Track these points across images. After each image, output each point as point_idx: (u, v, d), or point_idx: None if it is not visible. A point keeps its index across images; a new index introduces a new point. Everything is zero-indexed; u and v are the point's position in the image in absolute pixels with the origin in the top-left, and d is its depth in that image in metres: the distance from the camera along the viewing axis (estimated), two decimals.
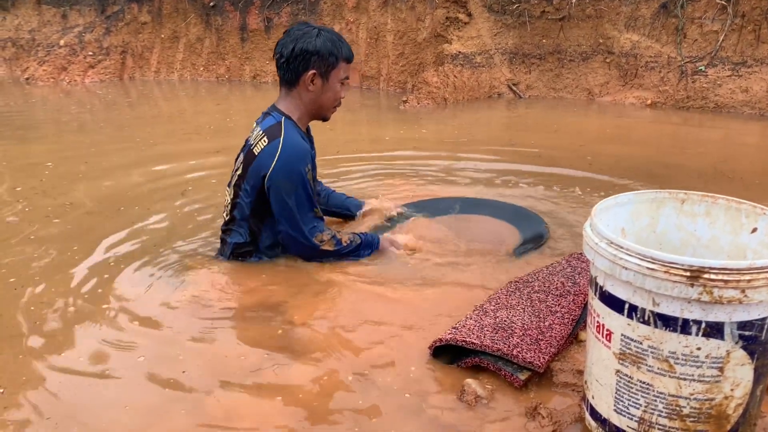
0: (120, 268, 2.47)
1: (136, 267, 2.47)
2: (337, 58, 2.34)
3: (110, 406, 1.64)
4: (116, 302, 2.19)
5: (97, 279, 2.37)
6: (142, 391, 1.70)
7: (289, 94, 2.41)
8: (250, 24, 8.06)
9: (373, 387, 1.68)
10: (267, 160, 2.30)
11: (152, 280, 2.36)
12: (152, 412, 1.61)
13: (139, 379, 1.74)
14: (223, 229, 2.50)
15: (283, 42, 2.34)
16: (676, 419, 1.28)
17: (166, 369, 1.78)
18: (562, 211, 3.07)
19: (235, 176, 2.45)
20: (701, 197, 1.55)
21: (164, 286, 2.30)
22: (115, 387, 1.72)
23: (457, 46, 6.81)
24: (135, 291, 2.28)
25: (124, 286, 2.32)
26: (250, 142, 2.42)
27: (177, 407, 1.62)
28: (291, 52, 2.31)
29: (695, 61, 6.18)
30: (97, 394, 1.69)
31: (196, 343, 1.92)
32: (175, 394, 1.68)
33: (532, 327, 1.82)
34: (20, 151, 4.48)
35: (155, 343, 1.94)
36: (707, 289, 1.16)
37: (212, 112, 6.12)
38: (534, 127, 5.43)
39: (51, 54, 8.29)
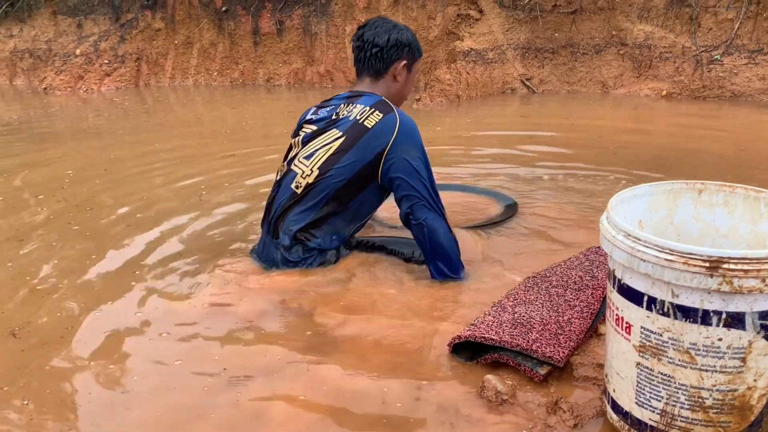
0: (143, 273, 2.49)
1: (159, 272, 2.50)
2: (420, 52, 2.47)
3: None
4: (144, 306, 2.22)
5: (122, 284, 2.40)
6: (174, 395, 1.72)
7: (375, 84, 2.41)
8: (262, 28, 8.11)
9: (396, 385, 1.69)
10: (387, 131, 2.24)
11: (176, 283, 2.38)
12: (189, 411, 1.63)
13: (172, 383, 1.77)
14: (274, 218, 2.34)
15: (373, 32, 2.36)
16: (698, 411, 1.28)
17: (205, 367, 1.80)
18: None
19: (319, 156, 2.29)
20: (719, 187, 1.54)
21: (189, 289, 2.32)
22: (146, 393, 1.75)
23: (469, 43, 6.80)
24: (160, 295, 2.29)
25: (150, 290, 2.34)
26: (351, 117, 2.29)
27: (211, 406, 1.64)
28: (387, 42, 2.34)
29: (710, 50, 6.12)
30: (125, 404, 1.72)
31: (229, 346, 1.93)
32: (210, 393, 1.70)
33: (551, 321, 1.81)
34: (40, 160, 4.55)
35: (188, 346, 1.96)
36: (727, 279, 1.15)
37: (228, 116, 6.17)
38: (550, 121, 5.41)
39: (67, 63, 8.41)
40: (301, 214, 2.29)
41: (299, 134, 2.41)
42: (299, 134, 2.41)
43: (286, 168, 2.39)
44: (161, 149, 4.80)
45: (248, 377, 1.75)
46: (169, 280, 2.42)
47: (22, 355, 1.94)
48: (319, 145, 2.31)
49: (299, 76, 8.05)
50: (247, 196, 3.49)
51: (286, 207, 2.31)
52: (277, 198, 2.36)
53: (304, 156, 2.32)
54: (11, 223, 3.16)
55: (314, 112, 2.43)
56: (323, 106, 2.42)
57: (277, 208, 2.34)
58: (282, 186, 2.36)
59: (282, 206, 2.32)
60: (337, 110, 2.36)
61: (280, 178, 2.39)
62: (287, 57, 8.14)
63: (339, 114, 2.34)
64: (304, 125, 2.41)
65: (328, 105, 2.42)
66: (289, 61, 8.14)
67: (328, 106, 2.41)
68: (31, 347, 1.99)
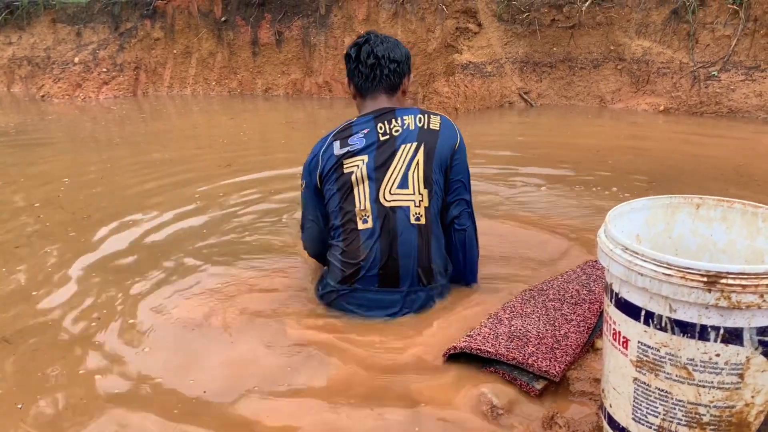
0: (138, 282, 2.47)
1: (154, 281, 2.48)
2: None
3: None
4: (137, 317, 2.20)
5: (117, 293, 2.39)
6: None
7: (390, 100, 2.23)
8: (261, 38, 8.13)
9: (390, 397, 1.67)
10: (452, 131, 2.19)
11: (170, 294, 2.36)
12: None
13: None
14: (414, 266, 2.09)
15: (384, 47, 2.19)
16: (695, 427, 1.26)
17: (185, 385, 1.79)
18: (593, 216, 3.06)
19: (414, 177, 2.09)
20: (717, 202, 1.54)
21: (183, 300, 2.31)
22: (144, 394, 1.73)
23: (467, 56, 6.82)
24: (157, 305, 2.28)
25: (144, 300, 2.32)
26: (412, 127, 2.13)
27: (206, 406, 1.62)
28: (402, 56, 2.24)
29: (708, 66, 6.15)
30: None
31: (221, 354, 1.92)
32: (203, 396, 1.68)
33: (547, 335, 1.80)
34: (37, 167, 4.54)
35: (175, 359, 1.94)
36: (725, 295, 1.14)
37: (226, 126, 6.16)
38: (548, 134, 5.42)
39: (66, 71, 8.40)
40: (439, 246, 2.16)
41: (347, 171, 2.09)
42: (347, 171, 2.09)
43: (375, 209, 2.08)
44: (158, 158, 4.78)
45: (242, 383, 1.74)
46: (165, 290, 2.40)
47: (14, 360, 1.92)
48: (403, 167, 2.09)
49: (298, 87, 8.06)
50: (243, 205, 3.48)
51: (423, 247, 2.10)
52: (398, 246, 2.08)
53: (397, 186, 2.08)
54: (8, 230, 3.14)
55: (343, 143, 2.12)
56: (351, 133, 2.13)
57: (410, 253, 2.08)
58: (392, 229, 2.07)
59: (417, 247, 2.09)
60: (381, 129, 2.12)
61: (381, 223, 2.07)
62: (286, 68, 8.15)
63: (390, 131, 2.12)
64: (345, 161, 2.10)
65: (358, 130, 2.14)
66: (287, 72, 8.15)
67: (360, 131, 2.13)
68: (23, 353, 1.97)
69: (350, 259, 2.10)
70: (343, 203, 2.11)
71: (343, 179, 2.11)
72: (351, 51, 2.24)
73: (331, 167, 2.12)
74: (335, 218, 2.14)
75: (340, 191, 2.11)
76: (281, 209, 3.36)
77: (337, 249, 2.14)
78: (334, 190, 2.12)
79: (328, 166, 2.13)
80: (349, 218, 2.10)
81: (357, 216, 2.09)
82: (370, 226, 2.08)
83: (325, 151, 2.14)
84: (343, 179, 2.11)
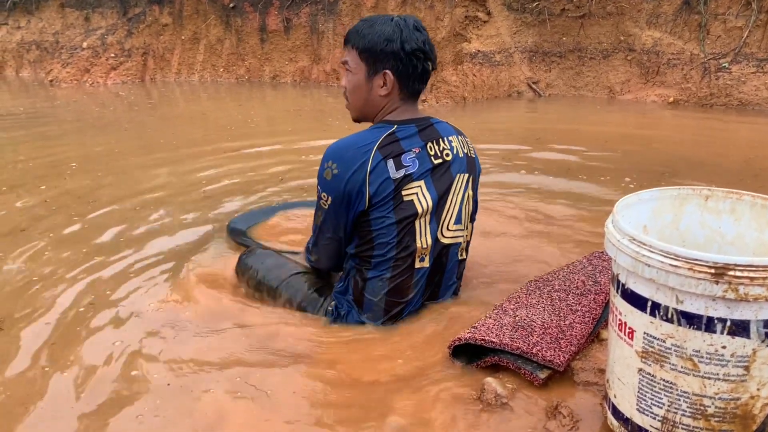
0: (140, 267, 2.48)
1: (155, 267, 2.49)
2: None
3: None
4: (135, 302, 2.21)
5: (117, 278, 2.39)
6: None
7: (416, 104, 2.02)
8: (269, 25, 8.11)
9: (395, 387, 1.68)
10: (477, 158, 2.11)
11: (169, 279, 2.37)
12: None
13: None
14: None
15: (426, 36, 1.92)
16: (700, 419, 1.26)
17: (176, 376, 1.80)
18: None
19: (465, 211, 2.00)
20: (726, 194, 1.53)
21: (183, 285, 2.31)
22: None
23: (476, 45, 6.78)
24: (154, 294, 2.28)
25: (143, 286, 2.33)
26: (461, 154, 1.98)
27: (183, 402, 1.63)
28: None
29: (719, 57, 6.09)
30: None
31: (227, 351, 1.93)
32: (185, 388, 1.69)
33: (552, 326, 1.80)
34: (45, 152, 4.55)
35: (166, 347, 1.95)
36: (732, 287, 1.14)
37: (233, 113, 6.16)
38: (556, 124, 5.40)
39: (74, 56, 8.41)
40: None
41: (406, 199, 1.84)
42: (406, 199, 1.84)
43: (434, 247, 1.93)
44: (165, 144, 4.79)
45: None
46: (163, 276, 2.40)
47: (3, 345, 1.94)
48: (458, 200, 1.96)
49: (305, 74, 8.05)
50: (249, 191, 3.49)
51: (459, 277, 2.12)
52: (443, 281, 2.03)
53: (454, 223, 1.96)
54: (15, 213, 3.16)
55: (398, 164, 1.83)
56: (402, 150, 1.85)
57: (450, 285, 2.07)
58: (442, 266, 2.00)
59: (456, 279, 2.09)
60: (431, 151, 1.90)
61: (433, 260, 1.95)
62: (294, 55, 8.14)
63: (441, 154, 1.92)
64: (405, 188, 1.83)
65: (409, 147, 1.86)
66: (295, 59, 8.13)
67: (410, 148, 1.86)
68: (12, 339, 1.98)
69: (398, 298, 1.94)
70: (402, 237, 1.86)
71: (404, 210, 1.84)
72: (395, 40, 1.85)
73: (388, 194, 1.82)
74: (385, 249, 1.88)
75: (400, 223, 1.84)
76: (287, 197, 3.36)
77: (381, 284, 1.92)
78: (392, 220, 1.84)
79: (384, 192, 1.82)
80: (408, 254, 1.89)
81: (417, 253, 1.90)
82: (426, 265, 1.94)
83: (375, 171, 1.81)
84: (403, 210, 1.84)
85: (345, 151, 1.84)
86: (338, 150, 1.86)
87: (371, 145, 1.83)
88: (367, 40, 1.88)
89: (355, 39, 1.91)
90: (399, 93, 1.93)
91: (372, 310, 1.95)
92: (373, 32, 1.87)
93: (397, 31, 1.86)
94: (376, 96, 1.93)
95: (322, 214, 1.92)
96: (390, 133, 1.86)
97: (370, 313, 1.96)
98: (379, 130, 1.88)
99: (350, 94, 1.98)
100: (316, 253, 2.04)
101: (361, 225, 1.88)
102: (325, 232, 1.95)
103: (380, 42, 1.86)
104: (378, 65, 1.89)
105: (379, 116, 1.96)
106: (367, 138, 1.85)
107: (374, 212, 1.84)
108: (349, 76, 1.96)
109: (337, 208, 1.87)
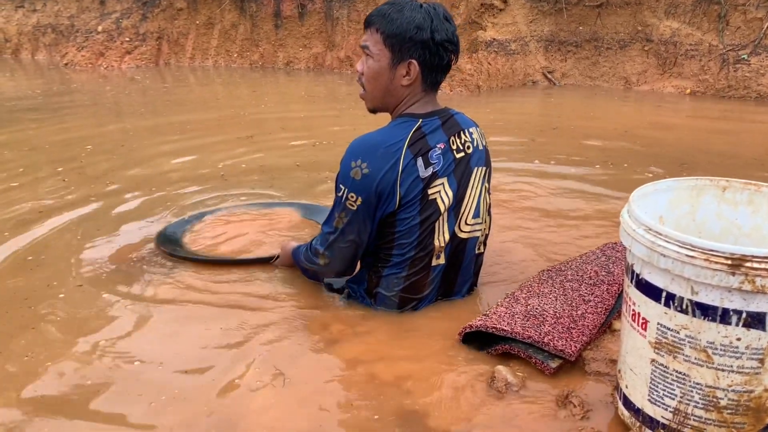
0: (151, 252, 2.50)
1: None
2: None
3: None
4: (145, 286, 2.22)
5: (132, 260, 2.41)
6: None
7: (437, 95, 1.95)
8: (284, 11, 8.09)
9: (406, 373, 1.68)
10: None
11: (185, 265, 2.38)
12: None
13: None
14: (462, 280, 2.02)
15: (456, 31, 1.85)
16: (712, 411, 1.25)
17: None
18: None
19: (483, 206, 1.97)
20: (744, 185, 1.51)
21: (194, 272, 2.32)
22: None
23: (491, 33, 6.73)
24: (175, 276, 2.29)
25: (155, 272, 2.34)
26: (480, 147, 1.95)
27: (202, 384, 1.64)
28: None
29: (737, 49, 6.01)
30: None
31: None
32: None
33: (564, 315, 1.79)
34: (60, 134, 4.59)
35: (170, 331, 1.96)
36: (749, 278, 1.13)
37: (247, 99, 6.16)
38: (573, 114, 5.36)
39: (89, 40, 8.44)
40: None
41: (431, 198, 1.80)
42: (431, 198, 1.80)
43: (451, 242, 1.89)
44: (179, 128, 4.81)
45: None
46: (178, 266, 2.41)
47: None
48: (476, 193, 1.92)
49: (319, 61, 8.02)
50: (266, 176, 3.51)
51: (476, 272, 2.08)
52: (459, 276, 1.99)
53: (472, 217, 1.92)
54: (32, 195, 3.20)
55: (426, 162, 1.78)
56: (429, 147, 1.80)
57: (467, 279, 2.04)
58: (459, 261, 1.96)
59: (473, 274, 2.05)
60: (454, 145, 1.86)
61: (450, 255, 1.91)
62: (308, 41, 8.11)
63: (463, 147, 1.88)
64: (431, 186, 1.79)
65: (434, 143, 1.81)
66: (309, 46, 8.11)
67: (436, 144, 1.81)
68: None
69: (412, 295, 1.92)
70: (423, 237, 1.82)
71: (429, 209, 1.81)
72: (425, 29, 1.77)
73: (416, 193, 1.78)
74: (405, 249, 1.84)
75: (424, 223, 1.81)
76: (300, 186, 3.36)
77: (396, 281, 1.90)
78: (417, 220, 1.80)
79: (413, 192, 1.77)
80: (427, 253, 1.86)
81: (435, 252, 1.87)
82: (443, 261, 1.90)
83: (407, 170, 1.76)
84: (428, 209, 1.81)
85: (375, 149, 1.75)
86: (368, 148, 1.76)
87: (401, 143, 1.76)
88: (395, 26, 1.77)
89: (381, 22, 1.79)
90: (421, 84, 1.85)
91: (385, 303, 1.94)
92: (402, 17, 1.77)
93: (428, 20, 1.78)
94: (398, 85, 1.84)
95: (348, 215, 1.81)
96: (417, 128, 1.80)
97: (383, 306, 1.95)
98: (406, 125, 1.81)
99: (368, 81, 1.86)
100: (328, 256, 1.92)
101: (386, 225, 1.83)
102: (348, 234, 1.84)
103: (410, 29, 1.76)
104: (404, 53, 1.79)
105: (400, 107, 1.88)
106: (396, 135, 1.78)
107: (402, 213, 1.79)
108: (369, 61, 1.84)
109: (366, 209, 1.78)
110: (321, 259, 1.95)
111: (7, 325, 1.95)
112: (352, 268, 1.98)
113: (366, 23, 1.85)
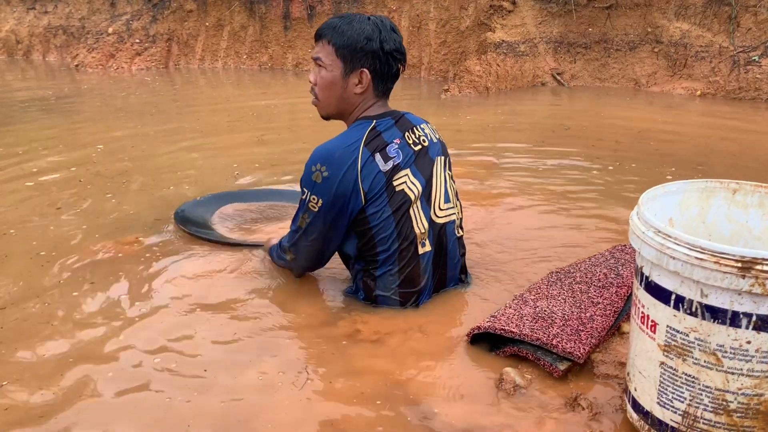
0: (176, 249, 2.51)
1: (194, 249, 2.51)
2: None
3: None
4: (160, 283, 2.24)
5: (152, 259, 2.43)
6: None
7: (388, 101, 2.07)
8: (293, 12, 8.10)
9: (413, 373, 1.68)
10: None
11: (199, 260, 2.39)
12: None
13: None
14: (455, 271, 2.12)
15: (400, 37, 1.97)
16: (722, 414, 1.25)
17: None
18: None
19: (451, 190, 2.07)
20: (754, 188, 1.50)
21: (211, 268, 2.33)
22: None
23: (500, 35, 6.72)
24: (191, 273, 2.31)
25: (173, 268, 2.35)
26: (435, 140, 2.05)
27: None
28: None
29: (748, 50, 5.97)
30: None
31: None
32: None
33: (572, 317, 1.79)
34: (72, 135, 4.64)
35: (212, 324, 1.97)
36: (759, 281, 1.12)
37: (256, 100, 6.18)
38: (584, 115, 5.34)
39: (100, 41, 8.48)
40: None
41: (398, 189, 1.89)
42: (398, 189, 1.89)
43: (431, 229, 1.97)
44: (190, 129, 4.84)
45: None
46: (199, 253, 2.44)
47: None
48: (442, 180, 2.03)
49: None
50: (279, 175, 3.54)
51: (461, 255, 2.15)
52: (447, 260, 2.06)
53: (444, 202, 2.01)
54: (47, 194, 3.24)
55: (385, 156, 1.89)
56: (386, 143, 1.91)
57: (455, 264, 2.10)
58: (444, 246, 2.03)
59: (459, 256, 2.12)
60: (409, 139, 1.96)
61: (435, 242, 1.99)
62: None
63: (419, 140, 1.99)
64: (395, 178, 1.89)
65: (390, 139, 1.92)
66: None
67: (392, 140, 1.92)
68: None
69: (410, 288, 1.97)
70: (401, 227, 1.90)
71: (398, 200, 1.89)
72: (374, 39, 1.89)
73: (380, 187, 1.87)
74: (387, 244, 1.90)
75: (397, 213, 1.89)
76: None
77: (391, 278, 1.95)
78: (388, 213, 1.88)
79: (377, 186, 1.86)
80: (410, 242, 1.92)
81: (418, 240, 1.93)
82: (429, 249, 1.97)
83: (366, 167, 1.85)
84: (397, 200, 1.89)
85: (332, 153, 1.87)
86: (325, 152, 1.88)
87: (357, 143, 1.87)
88: (346, 37, 1.89)
89: (332, 35, 1.91)
90: (373, 91, 1.97)
91: (387, 304, 1.99)
92: (352, 29, 1.89)
93: (377, 31, 1.90)
94: (351, 94, 1.95)
95: (310, 216, 1.91)
96: (372, 128, 1.92)
97: (385, 308, 1.99)
98: (361, 127, 1.93)
99: (321, 90, 1.98)
100: (294, 252, 2.04)
101: (359, 223, 1.91)
102: (310, 233, 1.95)
103: (360, 39, 1.88)
104: (356, 63, 1.91)
105: (354, 114, 1.99)
106: (352, 137, 1.90)
107: (370, 208, 1.88)
108: (322, 72, 1.96)
109: (328, 210, 1.88)
110: (288, 255, 2.09)
111: (22, 322, 1.97)
112: (320, 264, 2.11)
113: (317, 36, 1.99)
